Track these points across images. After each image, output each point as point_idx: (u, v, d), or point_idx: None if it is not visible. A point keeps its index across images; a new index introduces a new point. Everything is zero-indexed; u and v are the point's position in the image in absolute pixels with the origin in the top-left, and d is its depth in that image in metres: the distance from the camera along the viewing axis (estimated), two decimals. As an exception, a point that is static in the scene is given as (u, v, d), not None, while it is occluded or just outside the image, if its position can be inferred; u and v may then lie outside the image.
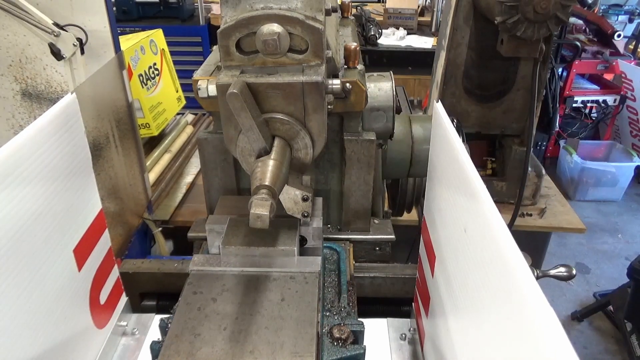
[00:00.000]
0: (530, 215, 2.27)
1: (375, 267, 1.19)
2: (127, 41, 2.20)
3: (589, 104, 4.63)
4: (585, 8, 4.51)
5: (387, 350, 1.05)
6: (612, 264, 3.81)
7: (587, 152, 4.50)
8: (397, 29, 4.49)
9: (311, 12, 0.86)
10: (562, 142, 4.64)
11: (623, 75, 4.53)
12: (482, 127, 2.20)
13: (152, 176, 2.10)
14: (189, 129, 2.66)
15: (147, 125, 2.26)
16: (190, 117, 2.79)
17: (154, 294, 1.24)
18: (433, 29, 4.61)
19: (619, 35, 4.22)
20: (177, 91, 2.57)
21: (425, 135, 1.28)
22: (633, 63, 4.47)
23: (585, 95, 4.61)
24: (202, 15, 4.38)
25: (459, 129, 1.43)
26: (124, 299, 1.08)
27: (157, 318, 1.09)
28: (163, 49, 2.47)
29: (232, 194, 1.16)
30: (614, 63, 4.41)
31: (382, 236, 1.21)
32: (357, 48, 1.07)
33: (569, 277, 1.31)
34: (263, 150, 0.84)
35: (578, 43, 4.31)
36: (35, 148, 0.74)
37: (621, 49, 4.46)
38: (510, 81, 2.08)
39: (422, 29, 4.68)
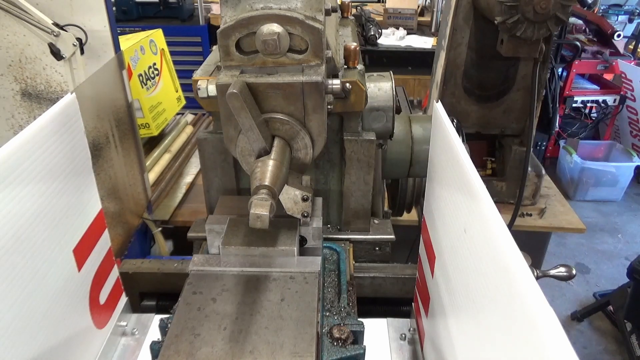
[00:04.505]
0: (530, 215, 2.27)
1: (375, 267, 1.19)
2: (127, 41, 2.20)
3: (588, 104, 4.63)
4: (585, 8, 4.50)
5: (387, 350, 1.05)
6: (612, 264, 3.81)
7: (587, 152, 4.50)
8: (397, 29, 4.49)
9: (311, 12, 0.86)
10: (562, 142, 4.64)
11: (623, 75, 4.53)
12: (482, 127, 2.20)
13: (152, 176, 2.10)
14: (189, 129, 2.66)
15: (147, 125, 2.26)
16: (190, 117, 2.79)
17: (153, 294, 1.24)
18: (433, 29, 4.61)
19: (618, 35, 4.22)
20: (177, 91, 2.57)
21: (425, 135, 1.28)
22: (633, 63, 4.47)
23: (585, 95, 4.61)
24: (202, 15, 4.38)
25: (459, 129, 1.43)
26: (123, 299, 1.08)
27: (157, 318, 1.09)
28: (163, 49, 2.47)
29: (232, 194, 1.16)
30: (614, 63, 4.41)
31: (382, 236, 1.21)
32: (357, 48, 1.07)
33: (569, 277, 1.30)
34: (263, 150, 0.84)
35: (578, 43, 4.31)
36: (35, 148, 0.73)
37: (621, 49, 4.46)
38: (510, 81, 2.08)
39: (422, 29, 4.68)
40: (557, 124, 4.22)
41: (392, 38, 4.39)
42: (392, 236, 1.21)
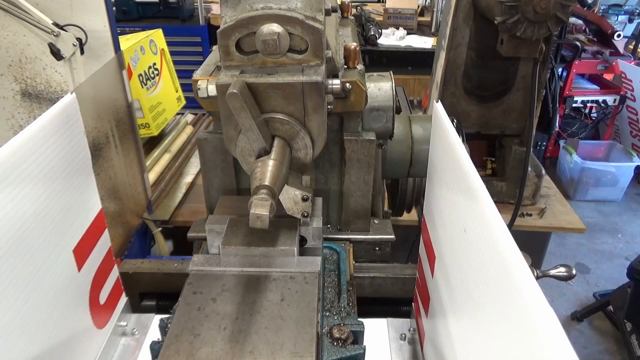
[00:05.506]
0: (530, 215, 2.27)
1: (375, 267, 1.19)
2: (127, 41, 2.20)
3: (588, 104, 4.63)
4: (585, 8, 4.50)
5: (387, 350, 1.05)
6: (612, 264, 3.81)
7: (587, 152, 4.50)
8: (397, 29, 4.49)
9: (311, 12, 0.86)
10: (562, 142, 4.64)
11: (623, 75, 4.52)
12: (482, 127, 2.20)
13: (152, 176, 2.10)
14: (189, 129, 2.66)
15: (147, 125, 2.26)
16: (190, 117, 2.79)
17: (153, 294, 1.24)
18: (433, 29, 4.61)
19: (618, 35, 4.21)
20: (177, 91, 2.57)
21: (425, 135, 1.28)
22: (633, 63, 4.47)
23: (585, 95, 4.61)
24: (202, 15, 4.38)
25: (459, 129, 1.43)
26: (123, 299, 1.08)
27: (157, 318, 1.09)
28: (163, 49, 2.47)
29: (232, 194, 1.16)
30: (614, 63, 4.41)
31: (382, 236, 1.21)
32: (357, 48, 1.07)
33: (569, 277, 1.30)
34: (263, 150, 0.84)
35: (578, 43, 4.31)
36: (35, 148, 0.73)
37: (621, 49, 4.46)
38: (510, 81, 2.08)
39: (422, 29, 4.68)
40: (557, 124, 4.22)
41: (392, 38, 4.39)
42: (392, 236, 1.21)
